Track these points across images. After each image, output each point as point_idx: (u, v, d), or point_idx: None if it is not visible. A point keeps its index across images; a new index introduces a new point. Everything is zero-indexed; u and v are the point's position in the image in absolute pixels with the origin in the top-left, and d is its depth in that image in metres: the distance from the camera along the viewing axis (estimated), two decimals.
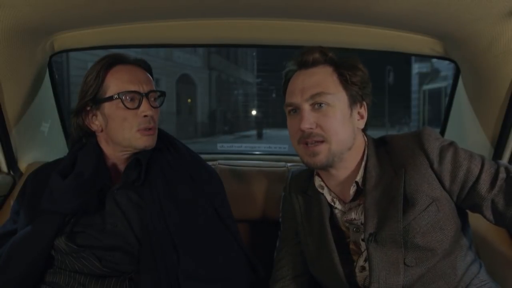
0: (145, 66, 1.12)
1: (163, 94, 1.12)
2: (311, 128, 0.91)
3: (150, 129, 1.06)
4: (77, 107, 1.06)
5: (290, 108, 0.97)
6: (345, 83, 0.94)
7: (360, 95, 0.96)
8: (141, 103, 1.04)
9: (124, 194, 1.05)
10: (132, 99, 1.03)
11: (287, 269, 1.07)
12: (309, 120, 0.91)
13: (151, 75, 1.13)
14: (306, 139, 0.92)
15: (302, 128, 0.91)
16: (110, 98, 1.03)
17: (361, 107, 0.98)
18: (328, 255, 0.95)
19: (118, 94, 1.02)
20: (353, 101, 0.95)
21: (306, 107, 0.92)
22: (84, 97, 1.05)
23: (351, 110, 0.95)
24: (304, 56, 0.96)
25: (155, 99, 1.10)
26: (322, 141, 0.91)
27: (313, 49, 0.96)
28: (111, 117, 1.04)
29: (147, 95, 1.05)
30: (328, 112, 0.92)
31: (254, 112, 14.89)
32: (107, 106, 1.04)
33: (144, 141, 1.05)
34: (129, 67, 1.07)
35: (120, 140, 1.05)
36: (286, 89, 1.01)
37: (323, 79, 0.94)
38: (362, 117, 0.98)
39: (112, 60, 1.05)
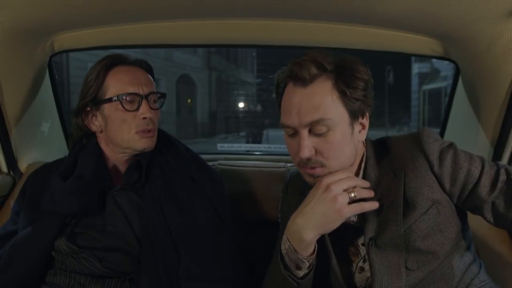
0: (146, 67, 1.11)
1: (163, 95, 1.11)
2: (310, 155, 0.86)
3: (149, 131, 1.05)
4: (77, 108, 1.06)
5: (288, 130, 0.89)
6: (345, 99, 0.85)
7: (362, 108, 0.88)
8: (141, 105, 1.03)
9: (124, 195, 1.05)
10: (131, 101, 1.03)
11: None
12: (308, 147, 0.84)
13: (153, 76, 1.13)
14: (305, 164, 0.87)
15: (301, 157, 0.85)
16: (110, 100, 1.03)
17: (363, 118, 0.90)
18: (325, 257, 0.95)
19: (117, 96, 1.02)
20: (354, 117, 0.87)
21: (305, 132, 0.85)
22: (84, 97, 1.05)
23: (352, 127, 0.87)
24: (299, 72, 0.84)
25: (155, 101, 1.09)
26: (320, 166, 0.87)
27: (307, 62, 0.84)
28: (110, 118, 1.04)
29: (146, 96, 1.05)
30: (328, 137, 0.85)
31: (241, 105, 12.48)
32: (106, 107, 1.04)
33: (143, 143, 1.05)
34: (130, 68, 1.07)
35: (119, 141, 1.05)
36: (281, 100, 0.92)
37: (321, 100, 0.84)
38: (363, 127, 0.92)
39: (112, 60, 1.05)
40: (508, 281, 1.11)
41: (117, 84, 1.03)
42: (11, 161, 1.45)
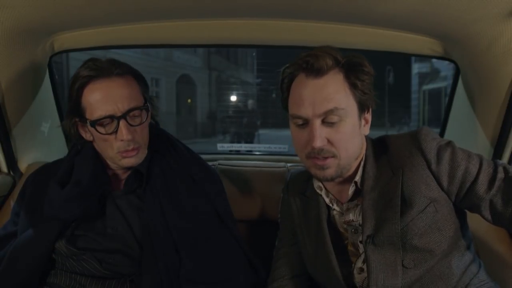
0: (128, 73, 1.02)
1: (145, 108, 1.03)
2: (322, 145, 0.87)
3: (132, 149, 1.01)
4: (65, 117, 1.04)
5: (298, 120, 0.90)
6: (355, 91, 0.88)
7: (368, 102, 0.91)
8: (118, 128, 0.97)
9: (125, 198, 1.06)
10: (107, 125, 0.98)
11: (285, 269, 1.07)
12: (321, 137, 0.86)
13: (140, 79, 1.06)
14: (316, 155, 0.88)
15: (315, 146, 0.86)
16: (86, 122, 1.00)
17: (367, 112, 0.93)
18: (325, 257, 0.95)
19: (91, 122, 0.97)
20: (362, 109, 0.91)
21: (317, 122, 0.86)
22: (69, 111, 1.02)
23: (360, 119, 0.91)
24: (316, 63, 0.86)
25: (136, 116, 1.01)
26: (332, 156, 0.88)
27: (324, 54, 0.87)
28: (94, 135, 1.02)
29: (124, 116, 0.97)
30: (340, 127, 0.87)
31: (233, 98, 11.35)
32: (88, 125, 1.00)
33: (126, 162, 1.02)
34: (105, 84, 0.97)
35: (107, 156, 1.04)
36: (289, 94, 0.93)
37: (335, 91, 0.86)
38: (367, 122, 0.95)
39: (86, 79, 0.98)
40: (507, 280, 1.11)
41: (90, 106, 0.97)
42: (11, 161, 1.45)
